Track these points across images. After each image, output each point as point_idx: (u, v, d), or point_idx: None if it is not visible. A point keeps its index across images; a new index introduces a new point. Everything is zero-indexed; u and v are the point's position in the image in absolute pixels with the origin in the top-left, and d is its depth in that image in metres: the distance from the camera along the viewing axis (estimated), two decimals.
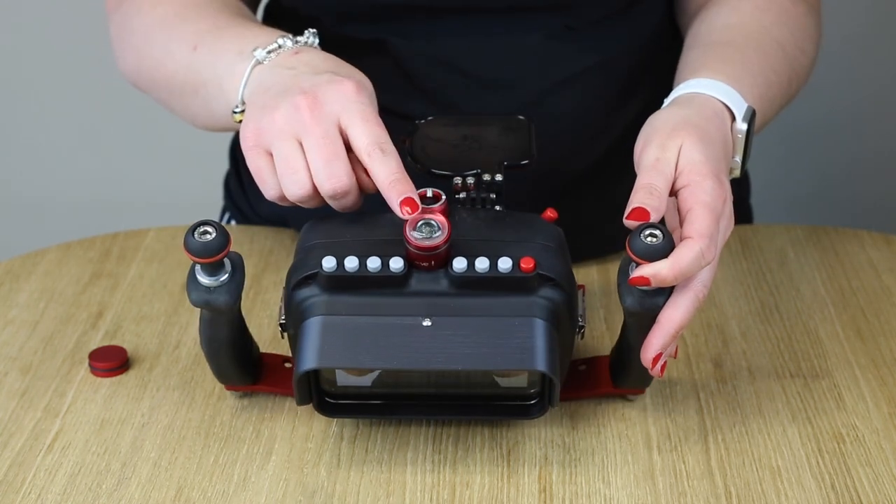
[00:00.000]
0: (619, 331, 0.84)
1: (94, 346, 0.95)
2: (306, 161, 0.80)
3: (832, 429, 0.86)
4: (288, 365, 0.89)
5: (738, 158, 0.86)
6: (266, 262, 1.05)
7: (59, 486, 0.82)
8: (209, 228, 0.75)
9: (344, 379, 0.82)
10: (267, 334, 0.96)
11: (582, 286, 0.83)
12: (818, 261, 1.05)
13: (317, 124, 0.80)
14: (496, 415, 0.83)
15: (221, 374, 0.85)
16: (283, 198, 0.82)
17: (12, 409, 0.89)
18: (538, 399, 0.82)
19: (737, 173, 0.87)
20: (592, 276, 1.03)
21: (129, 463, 0.83)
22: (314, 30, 0.89)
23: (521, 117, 0.90)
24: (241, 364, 0.84)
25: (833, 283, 1.02)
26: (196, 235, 0.75)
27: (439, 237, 0.76)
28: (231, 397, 0.89)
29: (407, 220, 0.77)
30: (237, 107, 0.87)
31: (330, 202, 0.81)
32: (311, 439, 0.85)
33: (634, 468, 0.83)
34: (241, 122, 0.85)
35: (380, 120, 0.81)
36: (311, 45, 0.88)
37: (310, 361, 0.76)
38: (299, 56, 0.86)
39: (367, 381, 0.82)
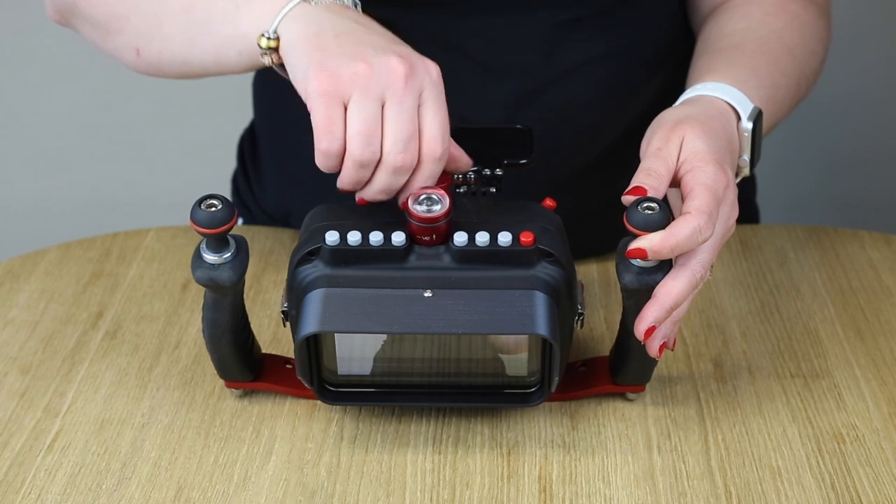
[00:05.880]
0: (619, 325, 0.84)
1: (94, 346, 0.95)
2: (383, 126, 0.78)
3: (832, 429, 0.86)
4: (289, 366, 0.89)
5: (746, 157, 0.87)
6: (266, 262, 1.05)
7: (59, 486, 0.82)
8: (215, 201, 0.76)
9: (345, 368, 0.82)
10: (267, 334, 0.96)
11: (581, 283, 0.84)
12: (818, 261, 1.05)
13: (408, 94, 0.78)
14: (496, 402, 0.84)
15: (222, 367, 0.86)
16: (335, 154, 0.78)
17: (12, 409, 0.89)
18: (538, 387, 0.82)
19: (746, 172, 0.88)
20: (592, 275, 1.03)
21: (129, 463, 0.83)
22: None
23: (519, 126, 0.91)
24: (242, 356, 0.85)
25: (833, 283, 1.02)
26: (202, 207, 0.76)
27: (440, 210, 0.77)
28: (231, 397, 0.89)
29: (409, 195, 0.78)
30: (268, 33, 0.81)
31: (383, 176, 0.78)
32: (311, 439, 0.85)
33: (634, 468, 0.83)
34: (269, 48, 0.81)
35: (447, 114, 0.80)
36: (357, 7, 0.85)
37: (311, 326, 0.77)
38: (356, 13, 0.83)
39: (367, 369, 0.83)
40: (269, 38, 0.81)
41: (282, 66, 0.82)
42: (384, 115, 0.78)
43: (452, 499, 0.80)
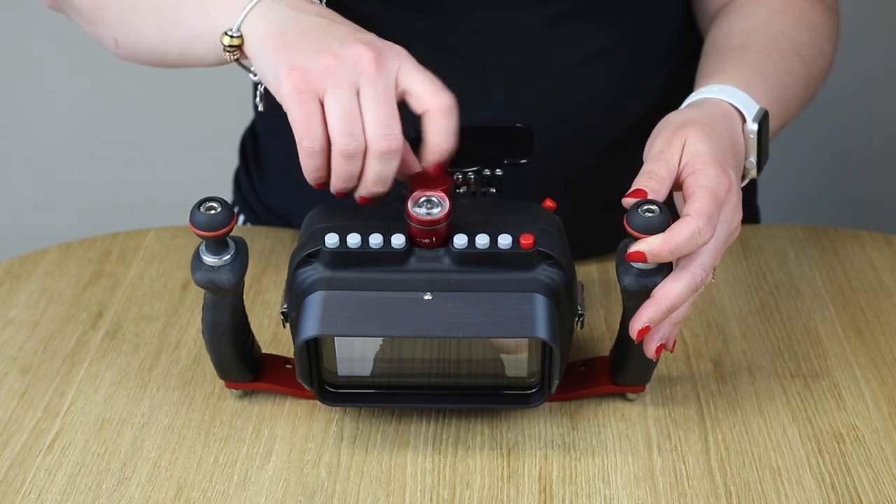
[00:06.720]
0: (619, 325, 0.84)
1: (94, 346, 0.95)
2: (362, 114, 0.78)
3: (832, 429, 0.86)
4: (289, 366, 0.89)
5: (753, 159, 0.87)
6: (266, 262, 1.05)
7: (59, 486, 0.82)
8: (214, 203, 0.76)
9: (345, 369, 0.82)
10: (267, 334, 0.96)
11: (581, 283, 0.84)
12: (818, 261, 1.05)
13: (380, 78, 0.78)
14: (496, 403, 0.84)
15: (222, 368, 0.86)
16: (319, 151, 0.78)
17: (12, 409, 0.89)
18: (538, 388, 0.82)
19: (753, 174, 0.89)
20: (592, 276, 1.03)
21: (129, 463, 0.83)
22: None
23: (519, 125, 0.91)
24: (241, 356, 0.85)
25: (833, 283, 1.02)
26: (202, 210, 0.76)
27: (440, 212, 0.77)
28: (231, 397, 0.89)
29: (409, 197, 0.78)
30: (231, 31, 0.81)
31: (373, 164, 0.78)
32: (311, 439, 0.85)
33: (634, 468, 0.83)
34: (231, 46, 0.81)
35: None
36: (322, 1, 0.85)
37: (311, 329, 0.77)
38: (319, 7, 0.83)
39: (367, 370, 0.83)
40: (231, 37, 0.81)
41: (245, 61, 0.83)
42: (360, 103, 0.78)
43: (452, 499, 0.80)
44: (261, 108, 0.84)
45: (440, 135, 0.79)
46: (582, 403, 0.88)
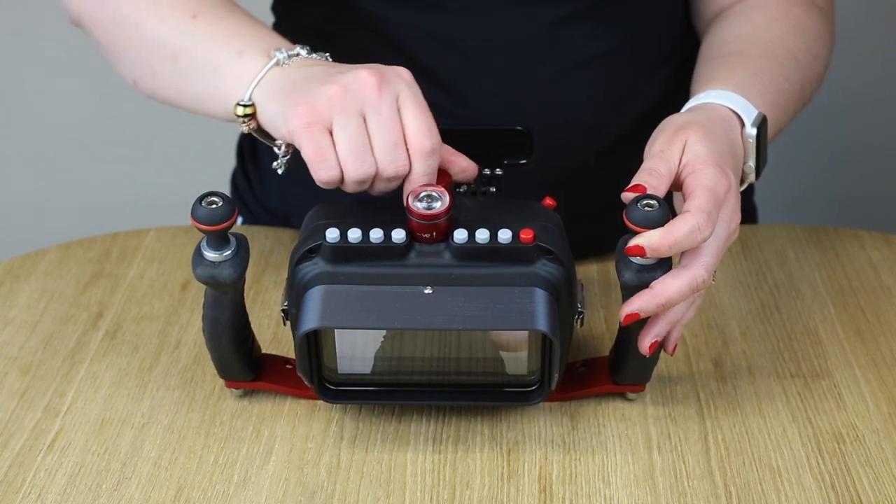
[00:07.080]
0: (619, 324, 0.84)
1: (94, 346, 0.95)
2: (370, 140, 0.79)
3: (832, 429, 0.86)
4: (289, 366, 0.89)
5: (752, 163, 0.88)
6: (266, 261, 1.05)
7: (59, 486, 0.82)
8: (216, 198, 0.77)
9: (345, 367, 0.82)
10: (267, 334, 0.96)
11: (581, 282, 0.84)
12: (818, 261, 1.05)
13: (383, 102, 0.79)
14: (497, 401, 0.84)
15: (223, 366, 0.86)
16: (337, 180, 0.80)
17: (12, 409, 0.89)
18: (538, 385, 0.82)
19: (752, 178, 0.89)
20: (592, 275, 1.03)
21: (129, 463, 0.83)
22: (327, 53, 0.87)
23: (520, 128, 0.91)
24: (242, 355, 0.85)
25: (833, 283, 1.02)
26: (203, 204, 0.76)
27: (441, 207, 0.77)
28: (231, 397, 0.89)
29: (409, 192, 0.79)
30: (243, 101, 0.83)
31: (381, 185, 0.81)
32: (311, 439, 0.85)
33: (634, 468, 0.83)
34: (245, 115, 0.83)
35: (428, 109, 0.81)
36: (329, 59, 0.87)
37: (311, 322, 0.77)
38: (324, 62, 0.85)
39: (367, 368, 0.83)
40: (244, 106, 0.83)
41: (259, 130, 0.84)
42: (367, 129, 0.79)
43: (452, 499, 0.80)
44: (280, 171, 0.85)
45: (416, 174, 0.80)
46: (582, 403, 0.88)
